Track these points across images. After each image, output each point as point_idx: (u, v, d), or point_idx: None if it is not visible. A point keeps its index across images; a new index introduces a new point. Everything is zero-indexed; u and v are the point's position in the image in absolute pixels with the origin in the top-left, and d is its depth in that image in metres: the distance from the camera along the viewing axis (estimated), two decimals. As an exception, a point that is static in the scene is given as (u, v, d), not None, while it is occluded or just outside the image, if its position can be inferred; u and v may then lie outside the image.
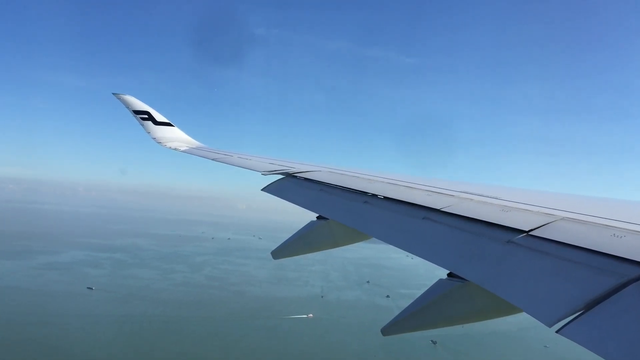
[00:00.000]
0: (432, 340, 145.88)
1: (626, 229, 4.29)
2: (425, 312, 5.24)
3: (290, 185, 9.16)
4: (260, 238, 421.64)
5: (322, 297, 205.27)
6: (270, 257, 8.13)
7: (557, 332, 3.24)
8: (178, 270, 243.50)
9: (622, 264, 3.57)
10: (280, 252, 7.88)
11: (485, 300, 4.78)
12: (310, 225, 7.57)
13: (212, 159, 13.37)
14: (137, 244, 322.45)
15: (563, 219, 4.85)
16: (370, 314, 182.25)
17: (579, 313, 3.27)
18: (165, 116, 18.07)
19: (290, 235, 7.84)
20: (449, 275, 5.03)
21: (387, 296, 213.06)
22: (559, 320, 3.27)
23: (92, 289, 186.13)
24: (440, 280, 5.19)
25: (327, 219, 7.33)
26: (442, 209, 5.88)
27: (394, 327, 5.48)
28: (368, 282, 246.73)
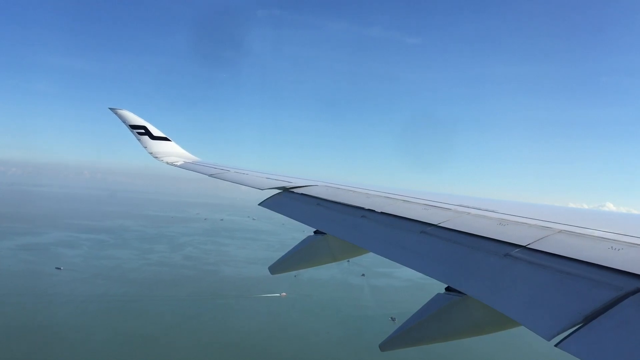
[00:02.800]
0: (391, 317, 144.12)
1: (623, 242, 4.31)
2: (423, 326, 5.27)
3: (287, 201, 9.32)
4: (254, 219, 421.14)
5: (295, 276, 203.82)
6: (256, 237, 5.52)
7: (556, 345, 3.22)
8: (156, 251, 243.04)
9: (619, 276, 3.60)
10: (278, 267, 7.92)
11: (483, 315, 4.82)
12: (308, 240, 7.66)
13: (209, 175, 13.45)
14: (124, 225, 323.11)
15: (560, 231, 4.87)
16: (339, 292, 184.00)
17: (578, 326, 3.28)
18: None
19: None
20: (447, 289, 5.10)
21: (363, 275, 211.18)
22: (558, 334, 3.26)
23: (60, 269, 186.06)
24: (438, 294, 5.23)
25: (325, 233, 7.37)
26: (439, 224, 5.90)
27: (391, 342, 5.44)
28: (348, 261, 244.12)
